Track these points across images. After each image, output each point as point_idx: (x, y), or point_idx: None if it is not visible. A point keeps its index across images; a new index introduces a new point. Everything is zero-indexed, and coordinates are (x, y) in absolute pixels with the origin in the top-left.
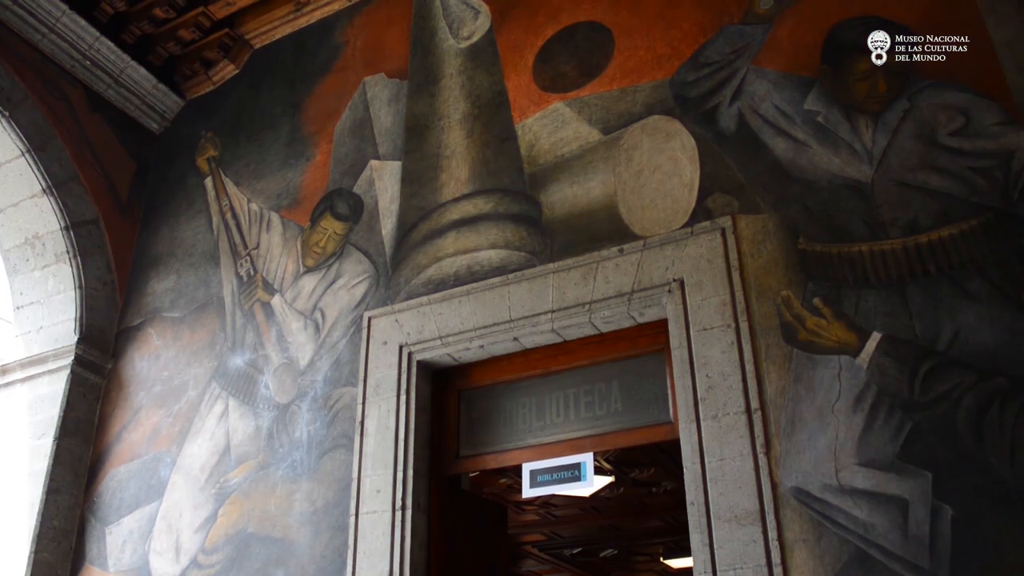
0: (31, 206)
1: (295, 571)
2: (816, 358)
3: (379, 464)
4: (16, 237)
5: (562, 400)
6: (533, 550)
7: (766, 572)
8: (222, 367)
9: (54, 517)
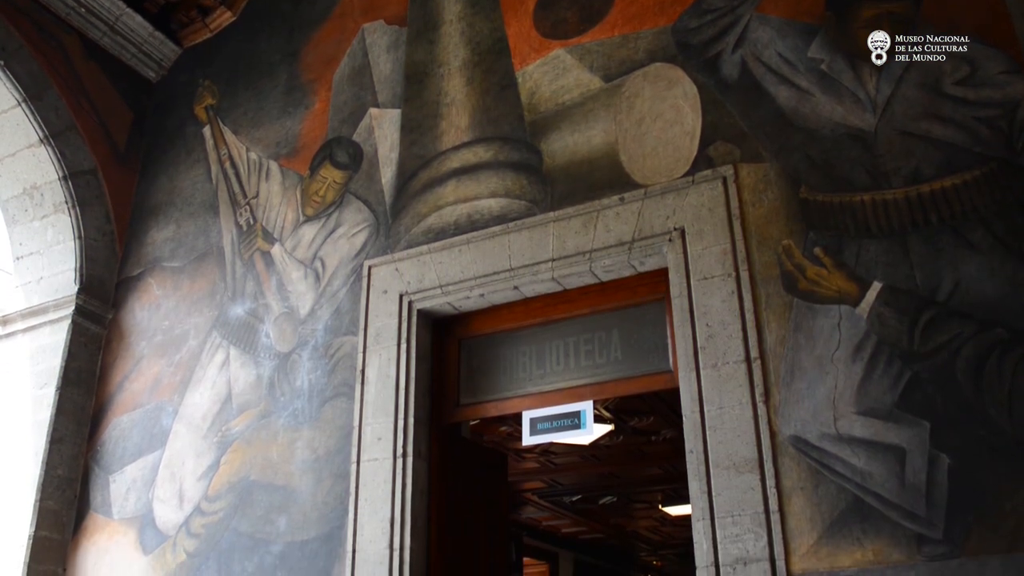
0: (28, 156)
1: (297, 518)
2: (816, 307)
3: (380, 412)
4: (14, 187)
5: (562, 349)
6: (533, 497)
7: (764, 519)
8: (223, 316)
9: (58, 466)
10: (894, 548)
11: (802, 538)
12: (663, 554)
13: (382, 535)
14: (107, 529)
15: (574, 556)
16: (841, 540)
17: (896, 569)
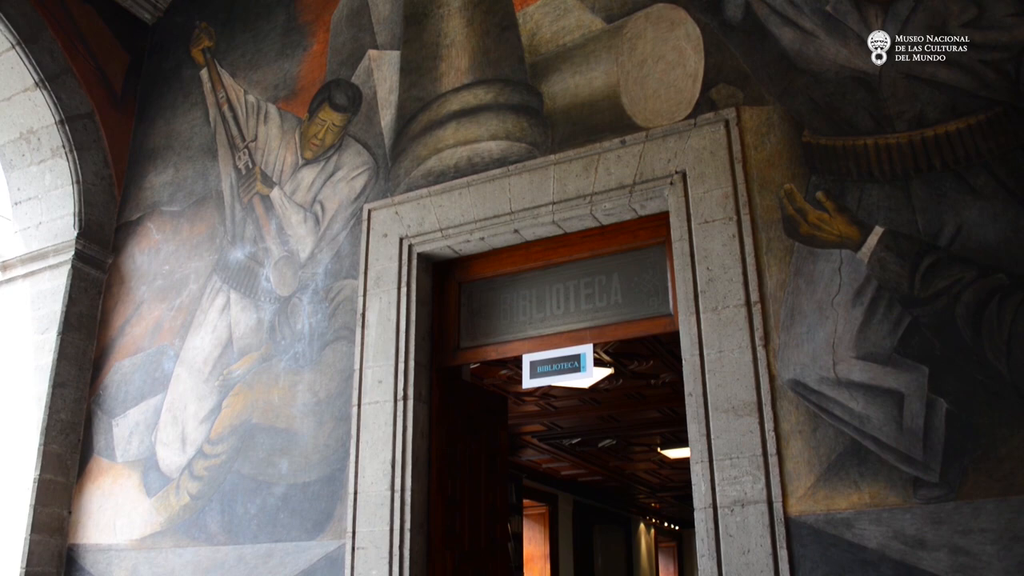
0: (24, 100)
1: (299, 460)
2: (817, 252)
3: (380, 355)
4: (10, 132)
5: (562, 292)
6: (533, 440)
7: (762, 462)
8: (222, 260)
9: (61, 410)
10: (890, 491)
11: (799, 480)
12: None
13: (383, 477)
14: (111, 472)
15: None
16: (838, 483)
17: (892, 512)
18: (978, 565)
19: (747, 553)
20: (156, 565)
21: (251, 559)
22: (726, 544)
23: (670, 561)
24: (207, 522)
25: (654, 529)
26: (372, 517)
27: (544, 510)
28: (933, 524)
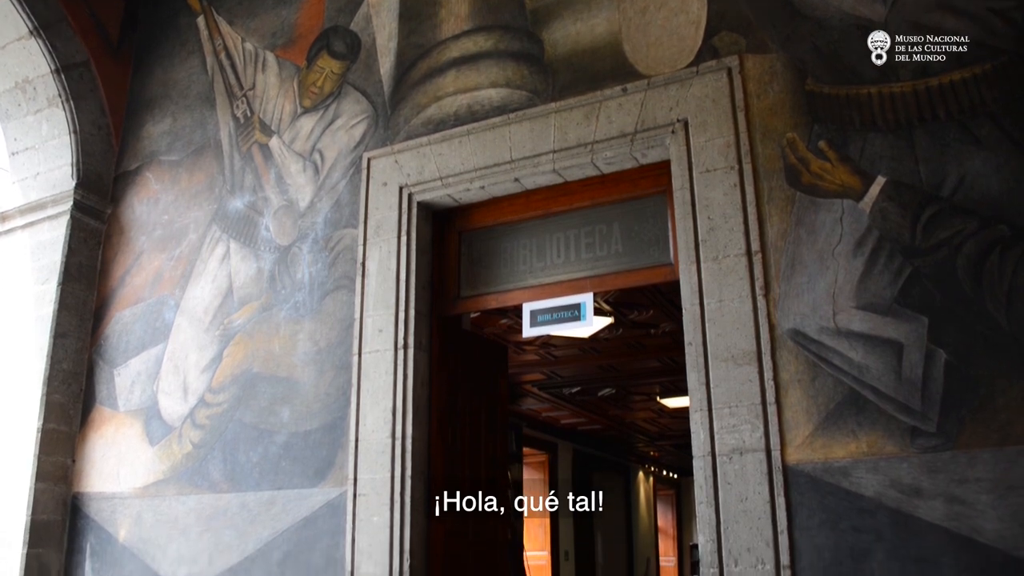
0: (19, 49)
1: (300, 409)
2: (819, 201)
3: (380, 304)
4: (6, 81)
5: (563, 241)
6: (533, 389)
7: (760, 411)
8: (222, 210)
9: (63, 360)
10: (888, 440)
11: (798, 429)
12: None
13: (384, 425)
14: (113, 421)
15: (573, 446)
16: (836, 432)
17: (889, 461)
18: (973, 514)
19: (745, 500)
20: (160, 513)
21: (253, 506)
22: (724, 492)
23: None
24: (210, 470)
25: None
26: (373, 464)
27: (544, 458)
28: (929, 473)
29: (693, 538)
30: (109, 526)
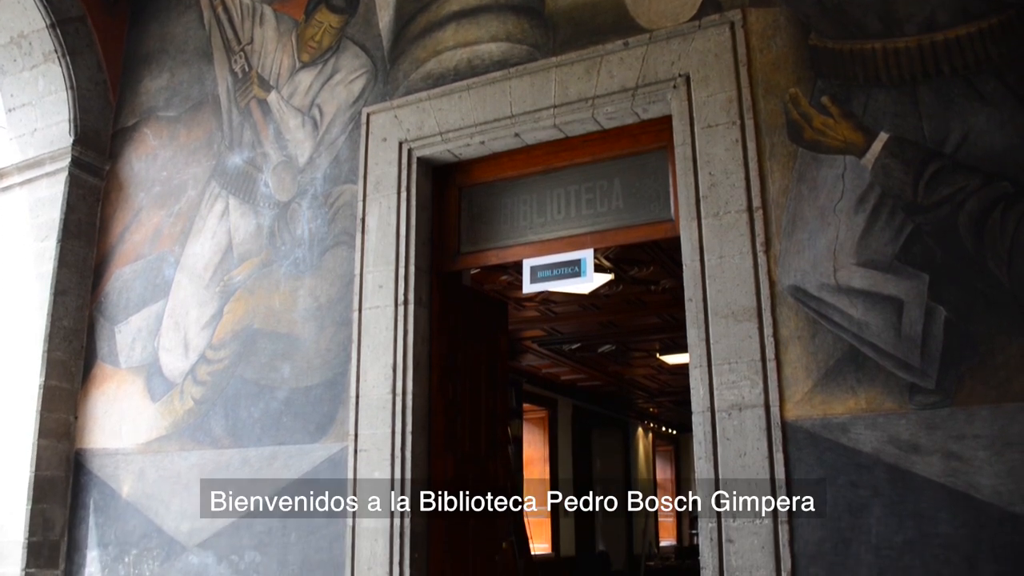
0: (13, 3)
1: (301, 365)
2: (821, 157)
3: (381, 260)
4: (1, 36)
5: (563, 197)
6: (533, 345)
7: (760, 367)
8: (221, 166)
9: (63, 317)
10: (887, 397)
11: (797, 386)
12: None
13: (384, 380)
14: (115, 378)
15: (573, 402)
16: (835, 388)
17: (888, 417)
18: (970, 470)
19: (744, 456)
20: (162, 468)
21: (255, 462)
22: (723, 447)
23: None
24: (211, 426)
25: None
26: (374, 420)
27: (544, 414)
28: (927, 429)
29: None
30: (112, 482)
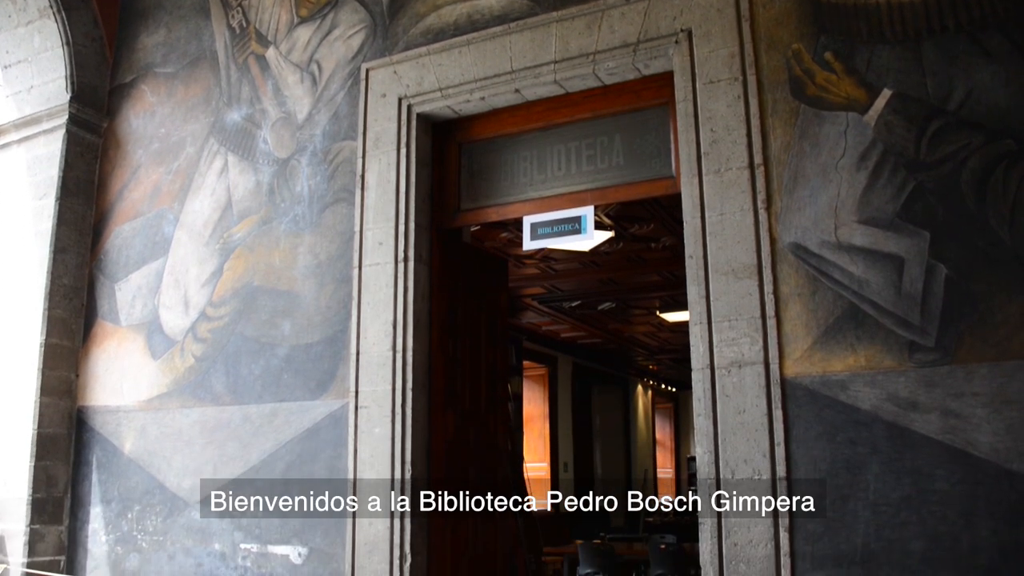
0: None
1: (301, 322)
2: (823, 114)
3: (380, 217)
4: None
5: (564, 153)
6: (533, 303)
7: (760, 324)
8: (219, 123)
9: (63, 275)
10: (886, 354)
11: (797, 343)
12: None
13: (385, 337)
14: (116, 336)
15: (573, 360)
16: (835, 346)
17: (887, 374)
18: (968, 427)
19: (743, 413)
20: (164, 425)
21: (256, 419)
22: (722, 404)
23: (667, 422)
24: (212, 383)
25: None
26: (374, 377)
27: (544, 371)
28: (926, 387)
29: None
30: (114, 439)
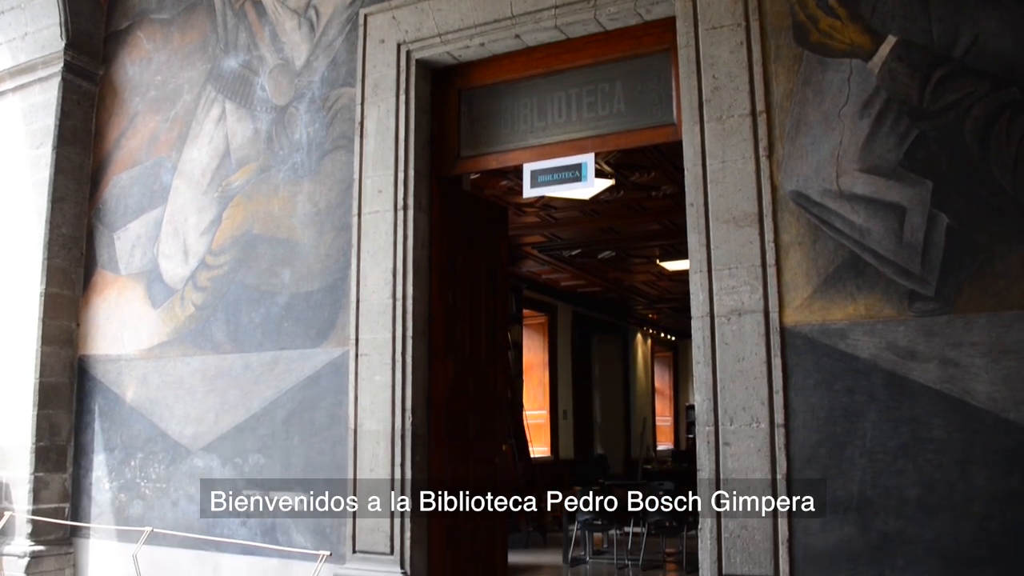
0: None
1: (301, 270)
2: (827, 61)
3: (380, 164)
4: None
5: (564, 100)
6: (533, 251)
7: (760, 272)
8: (216, 70)
9: (62, 225)
10: (886, 303)
11: (797, 291)
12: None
13: (384, 285)
14: (116, 285)
15: (572, 308)
16: (835, 295)
17: (886, 323)
18: (966, 376)
19: (742, 361)
20: (165, 373)
21: (257, 366)
22: (722, 352)
23: (666, 370)
24: (213, 331)
25: (651, 340)
26: (374, 325)
27: (544, 320)
28: (925, 336)
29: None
30: (116, 387)
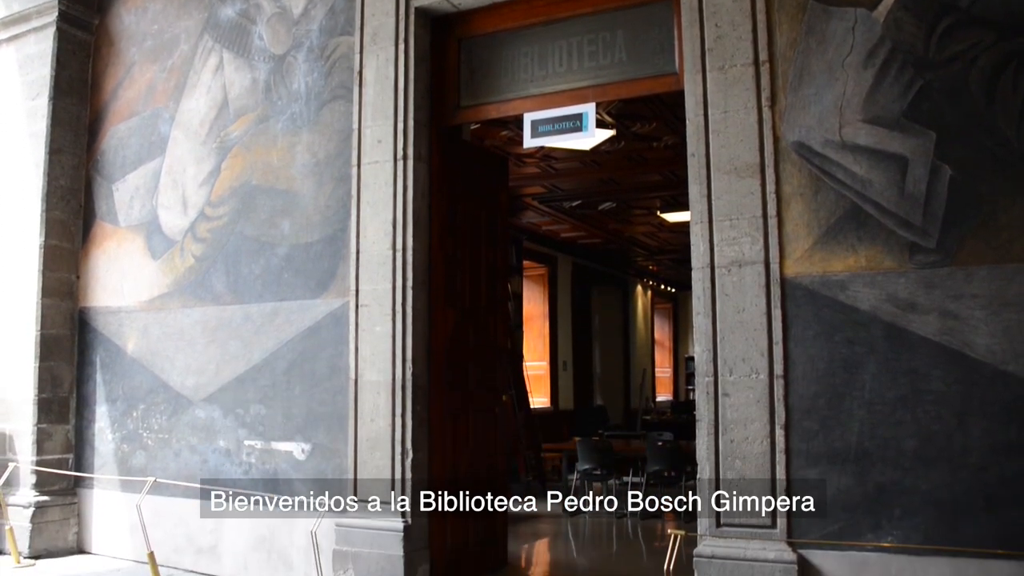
0: None
1: (300, 221)
2: (831, 10)
3: (379, 114)
4: None
5: (565, 49)
6: (533, 202)
7: (761, 223)
8: (213, 19)
9: (60, 176)
10: (887, 255)
11: (798, 243)
12: (659, 259)
13: (384, 236)
14: (115, 236)
15: (573, 260)
16: (836, 246)
17: (887, 275)
18: (966, 329)
19: (742, 312)
20: (166, 325)
21: (257, 317)
22: (722, 303)
23: (666, 322)
24: (213, 282)
25: (651, 291)
26: (374, 275)
27: (544, 271)
28: (926, 288)
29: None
30: (117, 339)
